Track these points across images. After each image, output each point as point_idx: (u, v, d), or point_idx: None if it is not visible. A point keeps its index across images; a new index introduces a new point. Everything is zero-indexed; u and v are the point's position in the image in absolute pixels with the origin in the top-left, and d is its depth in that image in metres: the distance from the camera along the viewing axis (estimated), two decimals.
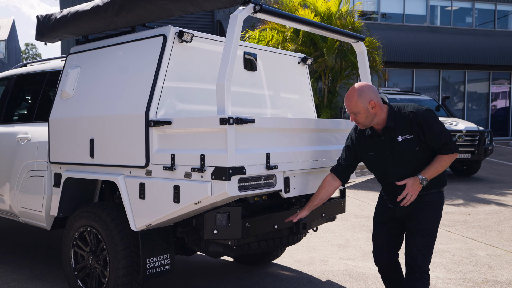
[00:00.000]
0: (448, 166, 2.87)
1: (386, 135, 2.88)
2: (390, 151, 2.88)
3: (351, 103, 2.86)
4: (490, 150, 10.47)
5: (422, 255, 2.88)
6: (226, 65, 2.68)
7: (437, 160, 2.83)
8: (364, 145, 3.01)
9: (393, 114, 2.87)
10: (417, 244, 2.89)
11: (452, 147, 2.82)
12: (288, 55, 4.25)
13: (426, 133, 2.79)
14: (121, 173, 3.23)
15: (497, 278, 4.30)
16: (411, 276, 2.89)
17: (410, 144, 2.82)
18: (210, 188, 2.70)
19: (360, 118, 2.87)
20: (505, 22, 21.98)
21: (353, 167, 3.13)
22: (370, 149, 2.98)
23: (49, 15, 3.81)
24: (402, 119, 2.85)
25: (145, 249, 3.17)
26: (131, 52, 3.34)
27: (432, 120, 2.81)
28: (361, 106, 2.84)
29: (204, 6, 3.01)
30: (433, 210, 2.92)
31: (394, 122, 2.85)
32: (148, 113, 3.00)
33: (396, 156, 2.87)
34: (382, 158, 2.93)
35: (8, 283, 4.14)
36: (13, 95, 4.71)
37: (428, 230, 2.90)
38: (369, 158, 3.01)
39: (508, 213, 7.11)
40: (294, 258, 4.88)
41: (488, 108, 20.92)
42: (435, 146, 2.82)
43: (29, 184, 3.98)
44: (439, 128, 2.81)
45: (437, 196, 2.93)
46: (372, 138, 2.96)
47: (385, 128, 2.87)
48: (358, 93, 2.85)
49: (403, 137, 2.82)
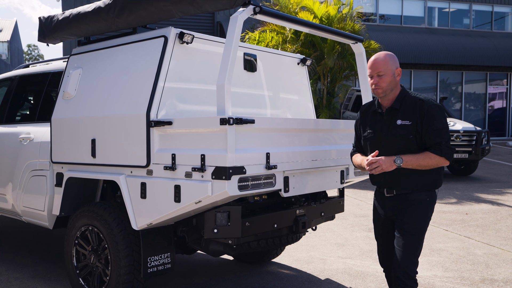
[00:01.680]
0: (431, 166, 2.72)
1: (389, 115, 2.83)
2: (386, 132, 2.83)
3: (381, 62, 2.79)
4: (487, 150, 10.54)
5: (406, 258, 2.74)
6: (226, 66, 2.71)
7: (423, 154, 2.71)
8: (366, 121, 2.98)
9: (403, 97, 2.82)
10: (402, 244, 2.76)
11: (444, 151, 2.69)
12: (288, 56, 4.29)
13: (424, 124, 2.70)
14: (122, 172, 3.26)
15: (494, 276, 4.34)
16: (396, 283, 2.77)
17: (406, 130, 2.74)
18: (210, 188, 2.73)
19: (384, 81, 2.78)
20: (502, 23, 22.08)
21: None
22: (370, 126, 2.93)
23: (51, 17, 3.84)
24: (409, 103, 2.78)
25: (146, 248, 3.20)
26: (132, 53, 3.37)
27: (437, 116, 2.72)
28: (390, 68, 2.79)
29: (205, 7, 3.04)
30: (419, 210, 2.78)
31: (400, 104, 2.81)
32: (149, 113, 3.03)
33: (390, 138, 2.80)
34: (377, 137, 2.87)
35: (11, 282, 4.17)
36: (15, 96, 4.74)
37: (414, 230, 2.76)
38: (367, 135, 2.95)
39: (505, 212, 7.16)
40: (293, 257, 4.92)
41: (485, 108, 21.03)
42: (428, 141, 2.72)
43: (31, 183, 4.01)
44: (439, 125, 2.72)
45: (424, 195, 2.79)
46: (375, 115, 2.92)
47: (390, 108, 2.83)
48: (389, 56, 2.81)
49: (403, 121, 2.76)
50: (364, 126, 2.99)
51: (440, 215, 6.91)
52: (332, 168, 3.58)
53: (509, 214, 7.08)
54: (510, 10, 22.03)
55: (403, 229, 2.78)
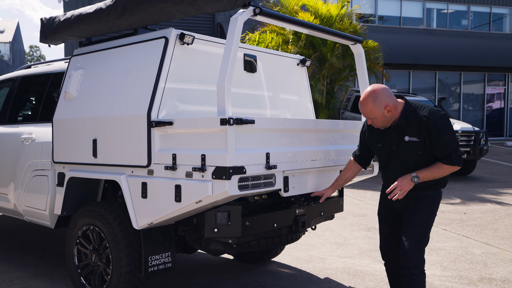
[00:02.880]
0: (445, 175, 2.90)
1: (396, 131, 2.93)
2: (396, 146, 2.93)
3: (367, 110, 2.88)
4: (485, 150, 10.59)
5: (414, 248, 2.85)
6: (227, 66, 2.72)
7: (436, 166, 2.85)
8: (374, 136, 3.08)
9: (407, 113, 2.88)
10: (409, 236, 2.87)
11: (455, 160, 2.82)
12: (287, 57, 4.31)
13: (432, 140, 2.80)
14: (123, 172, 3.29)
15: (492, 275, 4.37)
16: (403, 273, 2.88)
17: (415, 147, 2.85)
18: (210, 188, 2.75)
19: (377, 122, 2.91)
20: (500, 24, 22.14)
21: (369, 155, 3.26)
22: (379, 140, 3.04)
23: (53, 18, 3.86)
24: (414, 120, 2.86)
25: (147, 247, 3.22)
26: (133, 54, 3.39)
27: (443, 129, 2.80)
28: (377, 112, 2.85)
29: (205, 8, 3.05)
30: (428, 205, 2.93)
31: (405, 121, 2.88)
32: (150, 113, 3.05)
33: (400, 154, 2.92)
34: (387, 152, 3.00)
35: (13, 281, 4.20)
36: (17, 96, 4.76)
37: (421, 223, 2.90)
38: (377, 148, 3.08)
39: (503, 212, 7.19)
40: (293, 256, 4.94)
41: (484, 109, 21.10)
42: (438, 154, 2.84)
43: (33, 183, 4.04)
44: (447, 138, 2.81)
45: (432, 191, 2.95)
46: (383, 131, 3.01)
47: (396, 125, 2.92)
48: (372, 100, 2.84)
49: (411, 138, 2.85)
50: (372, 140, 3.11)
51: (439, 214, 6.94)
52: (332, 168, 3.60)
53: (507, 213, 7.11)
54: (508, 11, 22.10)
55: (411, 221, 2.91)
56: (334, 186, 3.41)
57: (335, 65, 10.79)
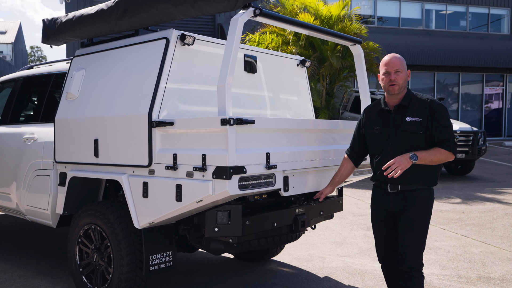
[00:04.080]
0: (441, 163, 2.91)
1: (397, 112, 2.96)
2: (394, 128, 2.94)
3: (398, 61, 2.97)
4: (484, 150, 10.65)
5: (413, 252, 2.86)
6: (227, 67, 2.74)
7: (434, 149, 2.86)
8: (373, 120, 3.09)
9: (410, 96, 2.97)
10: (408, 239, 2.88)
11: (452, 146, 2.86)
12: (287, 57, 4.33)
13: (434, 121, 2.85)
14: (124, 172, 3.31)
15: (490, 274, 4.39)
16: (403, 275, 2.88)
17: (416, 126, 2.87)
18: (211, 187, 2.78)
19: (400, 78, 2.93)
20: (498, 25, 22.21)
21: (362, 151, 3.24)
22: (377, 123, 3.04)
23: (55, 19, 3.89)
24: (417, 102, 2.93)
25: (148, 246, 3.24)
26: (135, 54, 3.41)
27: (444, 114, 2.89)
28: (405, 66, 2.99)
29: (206, 9, 3.07)
30: (424, 206, 2.92)
31: (408, 102, 2.94)
32: (151, 114, 3.08)
33: (399, 135, 2.91)
34: (385, 133, 2.98)
35: (15, 279, 4.23)
36: (19, 97, 4.79)
37: (419, 225, 2.89)
38: (374, 132, 3.06)
39: (501, 211, 7.22)
40: (293, 255, 4.97)
41: (482, 109, 21.17)
42: (437, 138, 2.86)
43: (35, 183, 4.07)
44: (447, 123, 2.88)
45: (427, 192, 2.94)
46: (382, 112, 3.04)
47: (398, 105, 2.96)
48: (400, 58, 3.00)
49: (412, 118, 2.89)
50: (370, 125, 3.09)
51: (437, 214, 6.97)
52: (331, 168, 3.63)
53: (505, 213, 7.13)
54: (506, 12, 22.17)
55: (409, 225, 2.89)
56: (332, 184, 3.40)
57: (334, 66, 10.82)
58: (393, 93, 2.96)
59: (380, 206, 3.07)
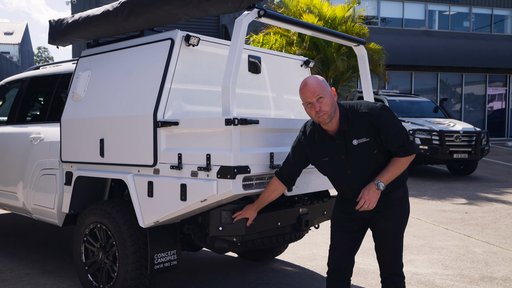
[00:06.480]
0: (405, 167, 2.69)
1: (340, 139, 2.68)
2: (346, 155, 2.68)
3: (317, 85, 2.62)
4: (487, 150, 10.66)
5: (393, 258, 2.80)
6: (231, 67, 2.75)
7: (394, 163, 2.64)
8: (316, 150, 2.79)
9: (346, 115, 2.66)
10: (387, 247, 2.80)
11: (410, 149, 2.62)
12: (291, 58, 4.35)
13: (382, 135, 2.60)
14: (130, 171, 3.34)
15: (493, 274, 4.40)
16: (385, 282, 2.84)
17: (367, 148, 2.63)
18: (215, 187, 2.80)
19: (325, 105, 2.60)
20: (501, 26, 22.15)
21: (298, 173, 2.93)
22: (324, 154, 2.76)
23: (61, 20, 3.92)
24: (356, 120, 2.64)
25: (153, 245, 3.26)
26: (140, 55, 3.44)
27: (388, 120, 2.61)
28: (326, 89, 2.63)
29: (210, 11, 3.08)
30: (402, 207, 2.78)
31: (347, 124, 2.64)
32: (156, 114, 3.10)
33: (354, 161, 2.67)
34: (339, 164, 2.72)
35: (22, 277, 4.27)
36: (26, 97, 4.83)
37: (398, 232, 2.78)
38: (324, 163, 2.79)
39: (504, 211, 7.21)
40: (296, 254, 4.99)
41: (485, 109, 21.12)
42: (392, 148, 2.63)
43: (41, 182, 4.10)
44: (395, 128, 2.61)
45: (402, 190, 2.77)
46: (325, 142, 2.74)
47: (339, 131, 2.67)
48: (320, 78, 2.68)
49: (359, 140, 2.64)
50: (317, 155, 2.80)
51: (440, 214, 6.97)
52: None
53: (508, 213, 7.13)
54: (509, 13, 22.10)
55: (389, 233, 2.78)
56: (256, 208, 3.02)
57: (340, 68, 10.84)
58: (325, 123, 2.65)
59: (347, 214, 2.86)
